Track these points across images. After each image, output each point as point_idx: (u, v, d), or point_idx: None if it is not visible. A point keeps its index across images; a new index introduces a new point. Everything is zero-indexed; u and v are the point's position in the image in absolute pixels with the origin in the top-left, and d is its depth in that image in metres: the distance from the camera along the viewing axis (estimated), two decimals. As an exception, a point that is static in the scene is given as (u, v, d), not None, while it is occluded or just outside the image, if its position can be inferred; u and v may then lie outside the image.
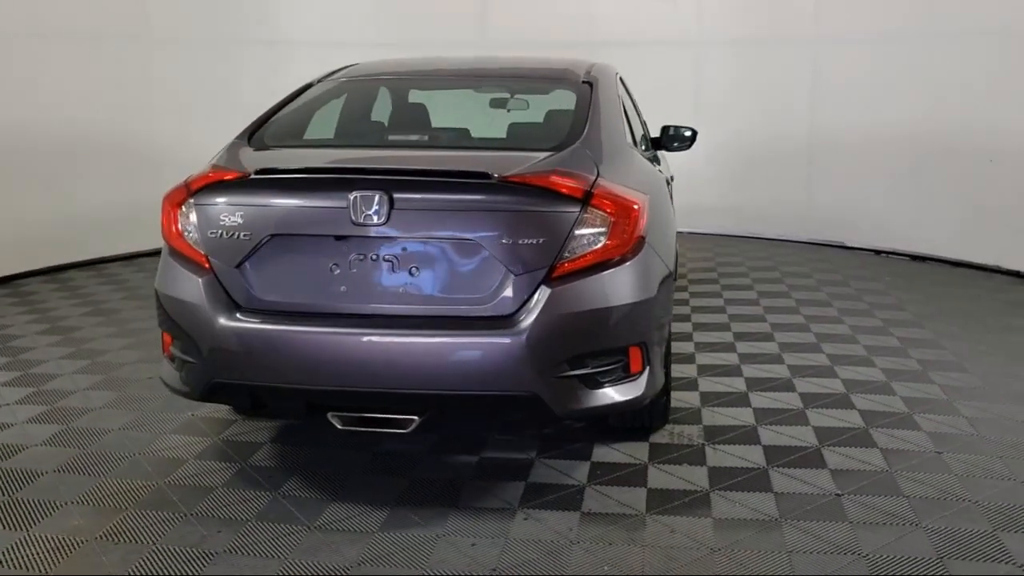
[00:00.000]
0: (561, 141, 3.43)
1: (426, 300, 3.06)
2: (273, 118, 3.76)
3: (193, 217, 3.21)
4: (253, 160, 3.30)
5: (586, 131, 3.45)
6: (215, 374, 3.13)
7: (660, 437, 3.82)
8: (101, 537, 3.03)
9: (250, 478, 3.48)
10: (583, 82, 3.98)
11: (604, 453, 3.67)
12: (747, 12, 8.44)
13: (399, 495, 3.34)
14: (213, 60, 8.13)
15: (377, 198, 2.98)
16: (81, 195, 7.45)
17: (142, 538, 3.02)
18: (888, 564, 2.81)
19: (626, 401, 3.17)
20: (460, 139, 4.04)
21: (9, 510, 3.21)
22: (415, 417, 3.10)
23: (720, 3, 8.58)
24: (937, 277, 7.00)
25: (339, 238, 3.06)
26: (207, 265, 3.17)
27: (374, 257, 3.06)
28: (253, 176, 3.15)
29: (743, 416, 4.05)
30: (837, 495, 3.28)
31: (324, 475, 3.50)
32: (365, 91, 4.25)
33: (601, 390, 3.11)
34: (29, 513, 3.19)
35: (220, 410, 4.14)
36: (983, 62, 6.93)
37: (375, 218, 2.99)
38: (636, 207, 3.11)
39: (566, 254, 3.01)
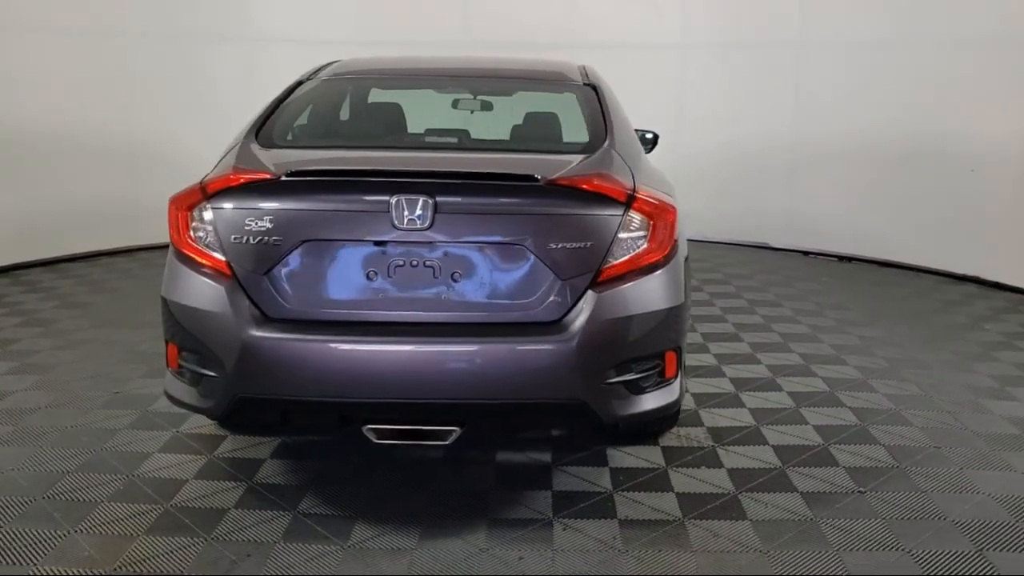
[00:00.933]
0: (586, 144, 3.39)
1: (469, 306, 2.96)
2: (274, 116, 3.56)
3: (210, 221, 3.01)
4: (275, 161, 3.11)
5: (610, 135, 3.41)
6: (241, 388, 2.94)
7: (668, 440, 3.83)
8: (121, 568, 2.80)
9: (262, 497, 3.30)
10: (585, 85, 3.95)
11: (620, 458, 3.65)
12: (731, 16, 8.43)
13: (424, 508, 3.22)
14: (190, 56, 8.07)
15: (421, 202, 2.87)
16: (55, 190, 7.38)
17: (167, 567, 2.81)
18: (933, 559, 2.88)
19: (664, 406, 3.15)
20: (484, 140, 3.91)
21: (8, 544, 2.93)
22: (456, 428, 3.00)
23: (705, 7, 8.55)
24: (871, 277, 7.29)
25: (378, 243, 2.93)
26: (229, 272, 2.98)
27: (414, 263, 2.94)
28: (285, 178, 2.97)
29: (742, 416, 4.10)
30: (860, 492, 3.36)
31: (338, 491, 3.35)
32: (365, 90, 4.09)
33: (643, 395, 3.09)
34: (31, 546, 2.91)
35: (205, 425, 3.91)
36: (965, 70, 6.95)
37: (419, 222, 2.87)
38: (674, 210, 3.10)
39: (610, 258, 2.97)
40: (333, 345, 2.90)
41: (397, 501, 3.28)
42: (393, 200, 2.87)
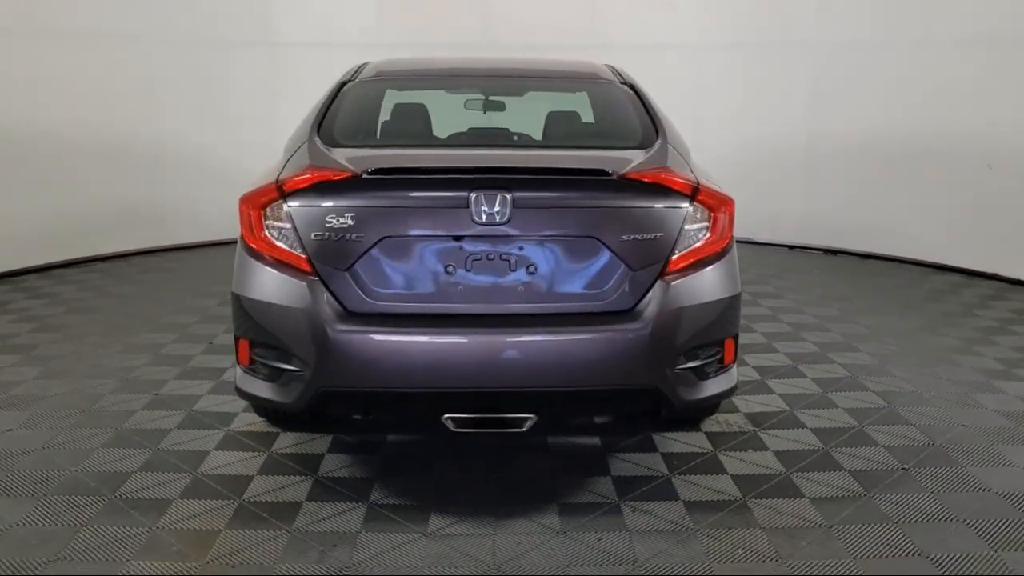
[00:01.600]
0: (641, 140, 3.50)
1: (544, 298, 3.06)
2: (329, 117, 3.62)
3: (288, 218, 3.06)
4: (350, 159, 3.17)
5: (661, 131, 3.54)
6: (325, 382, 3.00)
7: (710, 426, 3.96)
8: (214, 563, 2.84)
9: (331, 490, 3.35)
10: (622, 83, 4.07)
11: (668, 444, 3.77)
12: (748, 17, 8.48)
13: (492, 496, 3.31)
14: (211, 60, 8.22)
15: (500, 197, 2.96)
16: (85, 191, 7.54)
17: (258, 558, 2.86)
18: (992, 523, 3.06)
19: (725, 391, 3.28)
20: (550, 137, 3.97)
21: (94, 541, 2.95)
22: (532, 416, 3.09)
23: (721, 7, 8.59)
24: (857, 269, 7.54)
25: (456, 238, 3.01)
26: (309, 268, 3.04)
27: (491, 256, 3.03)
28: (366, 176, 3.03)
29: (774, 402, 4.25)
30: (904, 469, 3.53)
31: (404, 483, 3.42)
32: (408, 90, 4.16)
33: (707, 381, 3.21)
34: (118, 543, 2.94)
35: (255, 423, 3.95)
36: (979, 68, 6.98)
37: (497, 217, 2.97)
38: (732, 203, 3.23)
39: (677, 249, 3.10)
40: (415, 337, 2.98)
41: (463, 490, 3.37)
42: (473, 196, 2.96)
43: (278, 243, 3.08)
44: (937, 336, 5.44)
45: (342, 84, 3.97)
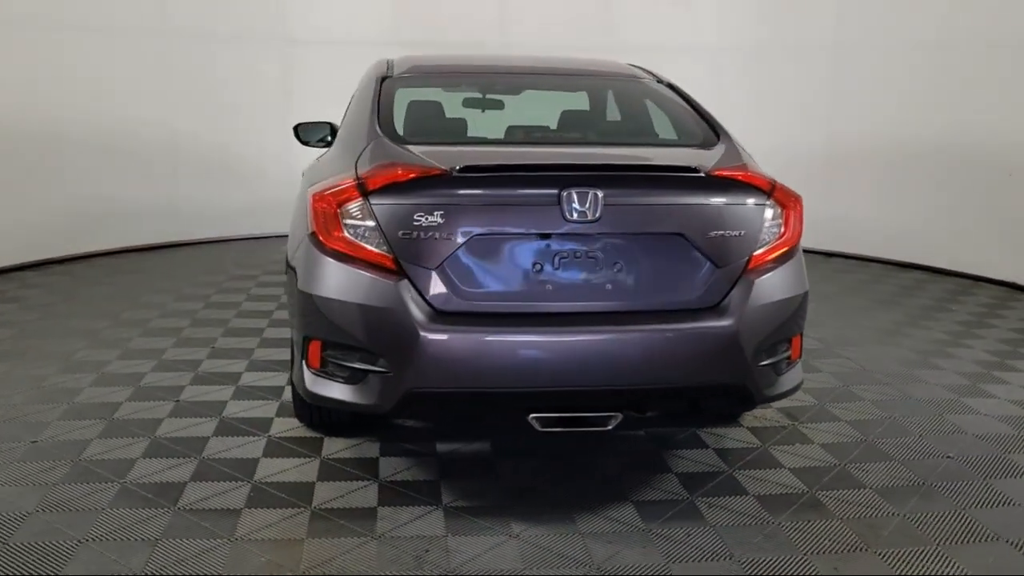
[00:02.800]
0: (703, 138, 3.53)
1: (631, 295, 3.05)
2: (382, 114, 3.53)
3: (372, 217, 2.97)
4: (432, 157, 3.10)
5: (722, 129, 3.58)
6: (413, 383, 2.92)
7: (749, 421, 4.03)
8: (310, 571, 2.74)
9: (400, 493, 3.27)
10: (659, 82, 4.11)
11: (715, 440, 3.82)
12: (766, 18, 8.47)
13: (565, 497, 3.28)
14: (229, 56, 8.33)
15: (591, 195, 2.94)
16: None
17: (355, 567, 2.77)
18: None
19: (796, 386, 3.34)
20: (605, 134, 3.96)
21: (176, 554, 2.80)
22: (617, 414, 3.09)
23: (740, 9, 8.58)
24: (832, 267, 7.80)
25: (545, 236, 2.98)
26: (395, 267, 2.96)
27: (579, 254, 3.01)
28: (457, 174, 2.97)
29: (801, 397, 4.34)
30: (949, 457, 3.66)
31: (470, 485, 3.37)
32: (452, 88, 4.11)
33: (783, 377, 3.26)
34: (201, 556, 2.80)
35: (294, 428, 3.83)
36: (1003, 71, 6.95)
37: (588, 215, 2.95)
38: (801, 200, 3.29)
39: (758, 246, 3.14)
40: (505, 337, 2.93)
41: (531, 491, 3.33)
42: (564, 193, 2.93)
43: (359, 241, 2.99)
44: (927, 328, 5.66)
45: (381, 80, 3.88)
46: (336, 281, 3.03)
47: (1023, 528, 3.09)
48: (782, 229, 3.20)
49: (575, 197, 2.93)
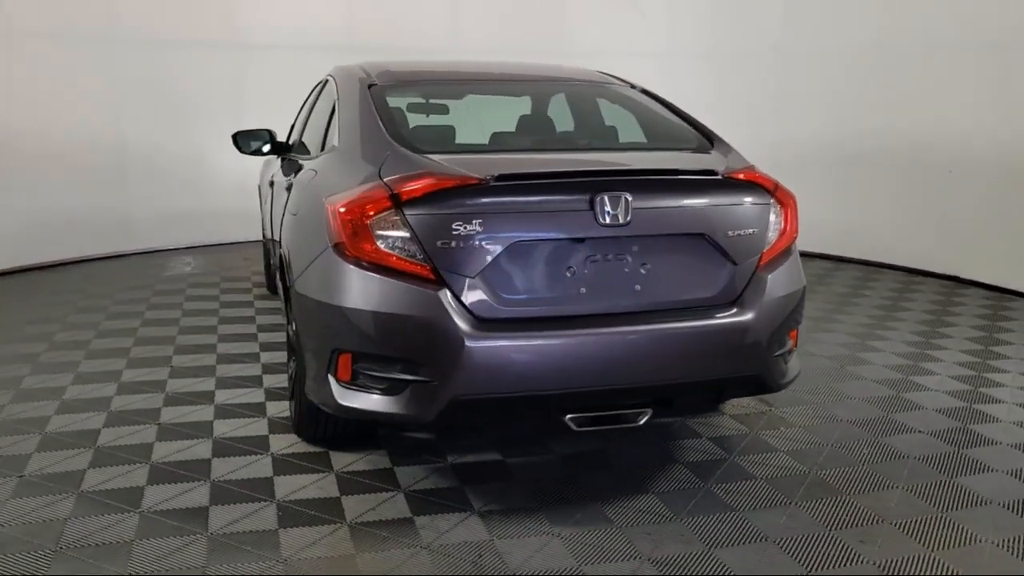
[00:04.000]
0: (700, 141, 3.68)
1: (658, 294, 3.17)
2: (388, 124, 3.51)
3: (405, 227, 2.97)
4: (462, 165, 3.11)
5: (713, 133, 3.74)
6: (458, 391, 2.94)
7: (729, 409, 4.23)
8: (375, 585, 2.73)
9: (429, 502, 3.27)
10: (632, 87, 4.25)
11: (706, 429, 3.99)
12: (714, 24, 8.65)
13: (586, 493, 3.37)
14: (179, 60, 8.21)
15: (622, 199, 3.04)
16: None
17: (418, 577, 2.78)
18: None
19: (797, 374, 3.54)
20: (611, 141, 4.02)
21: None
22: (648, 410, 3.20)
23: (691, 16, 8.73)
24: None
25: (578, 240, 3.06)
26: (434, 276, 2.97)
27: (609, 257, 3.10)
28: (494, 182, 3.00)
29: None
30: (963, 451, 3.97)
31: (493, 487, 3.41)
32: (451, 97, 4.11)
33: (788, 366, 3.45)
34: (259, 578, 2.74)
35: (294, 443, 3.76)
36: (938, 75, 7.28)
37: (619, 218, 3.04)
38: (796, 198, 3.49)
39: (766, 244, 3.32)
40: (545, 341, 2.99)
41: (555, 491, 3.40)
42: (597, 199, 3.02)
43: (394, 252, 2.98)
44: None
45: (368, 87, 3.86)
46: (370, 292, 3.01)
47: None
48: (783, 226, 3.39)
49: (607, 201, 3.02)
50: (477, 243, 2.96)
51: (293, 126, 5.75)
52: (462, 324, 2.93)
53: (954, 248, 7.32)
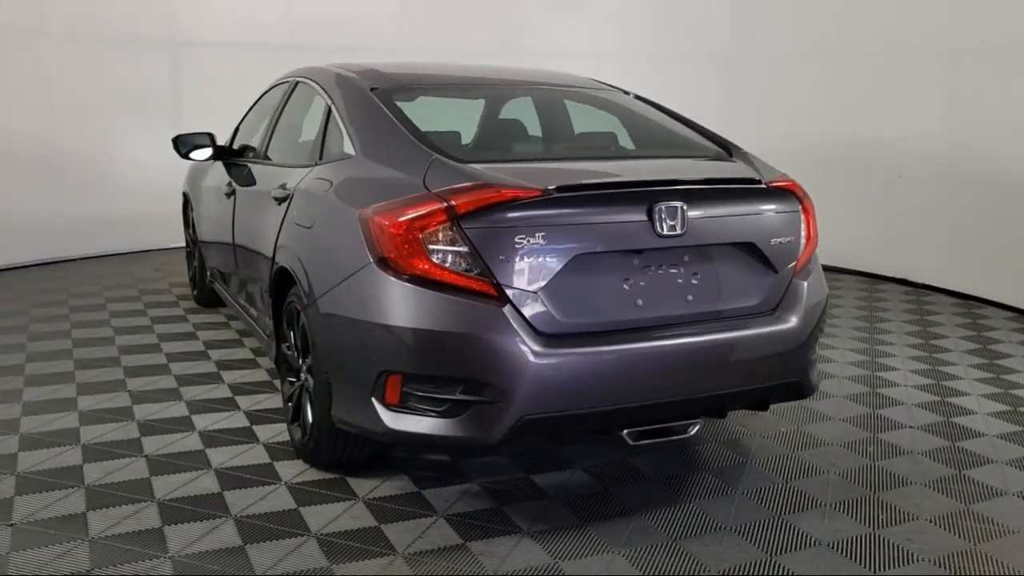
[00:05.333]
0: (717, 148, 3.68)
1: (709, 303, 3.15)
2: (414, 130, 3.36)
3: (462, 241, 2.84)
4: (518, 175, 2.99)
5: (725, 139, 3.76)
6: (525, 410, 2.83)
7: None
8: (462, 620, 2.59)
9: (475, 526, 3.14)
10: (625, 93, 4.24)
11: (711, 433, 4.03)
12: (661, 28, 8.59)
13: (632, 507, 3.33)
14: (114, 58, 7.88)
15: (679, 209, 3.01)
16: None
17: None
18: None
19: (820, 379, 3.60)
20: (640, 149, 3.93)
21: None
22: (698, 421, 3.18)
23: (638, 17, 8.65)
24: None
25: (637, 251, 3.01)
26: (495, 292, 2.84)
27: (663, 268, 3.07)
28: (556, 194, 2.89)
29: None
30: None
31: (531, 508, 3.31)
32: (466, 101, 3.96)
33: (816, 369, 3.51)
34: None
35: (304, 470, 3.54)
36: (885, 80, 7.30)
37: (677, 228, 3.01)
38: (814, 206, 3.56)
39: (800, 250, 3.36)
40: (611, 355, 2.92)
41: (595, 507, 3.33)
42: (656, 209, 2.98)
43: (451, 267, 2.84)
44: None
45: (372, 90, 3.68)
46: (426, 310, 2.86)
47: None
48: (807, 233, 3.44)
49: (665, 212, 2.99)
50: (540, 257, 2.86)
51: (238, 129, 5.43)
52: (529, 341, 2.82)
53: (910, 252, 7.43)
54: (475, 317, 2.82)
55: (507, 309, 2.84)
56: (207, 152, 5.25)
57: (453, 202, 2.84)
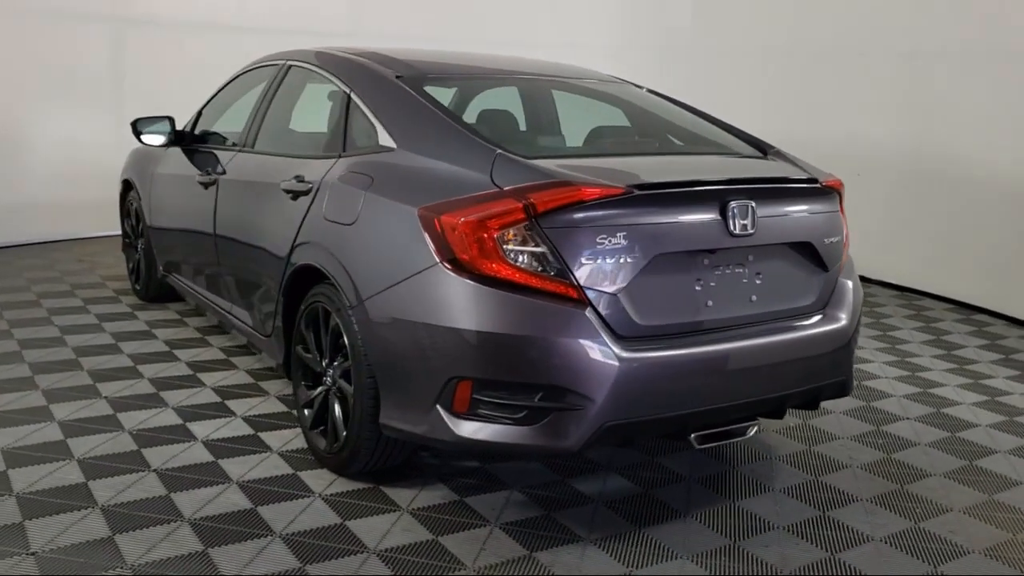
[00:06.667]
0: (756, 146, 3.65)
1: (771, 303, 3.13)
2: (465, 123, 3.21)
3: (542, 241, 2.72)
4: (593, 173, 2.87)
5: (755, 138, 3.75)
6: (610, 415, 2.73)
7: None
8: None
9: (534, 535, 3.04)
10: (637, 86, 4.18)
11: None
12: (625, 20, 8.51)
13: (683, 510, 3.30)
14: (48, 34, 7.37)
15: (751, 208, 2.98)
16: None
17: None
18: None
19: None
20: (688, 145, 3.81)
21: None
22: (757, 422, 3.17)
23: (601, 9, 8.57)
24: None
25: (710, 251, 2.96)
26: (577, 294, 2.74)
27: (730, 268, 3.03)
28: (638, 192, 2.80)
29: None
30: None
31: (582, 515, 3.23)
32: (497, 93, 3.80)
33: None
34: None
35: (330, 480, 3.34)
36: (845, 76, 7.34)
37: (748, 227, 2.98)
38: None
39: (843, 250, 3.39)
40: (692, 358, 2.87)
41: (645, 512, 3.28)
42: (729, 207, 2.93)
43: (529, 268, 2.72)
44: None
45: (398, 78, 3.49)
46: (503, 314, 2.72)
47: None
48: (846, 231, 3.47)
49: (737, 211, 2.95)
50: (621, 257, 2.77)
51: (200, 114, 5.10)
52: (612, 344, 2.73)
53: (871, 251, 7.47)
54: (557, 321, 2.71)
55: (589, 312, 2.74)
56: (165, 138, 4.93)
57: (533, 200, 2.72)
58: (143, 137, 4.94)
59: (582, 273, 2.74)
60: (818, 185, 3.29)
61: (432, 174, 3.04)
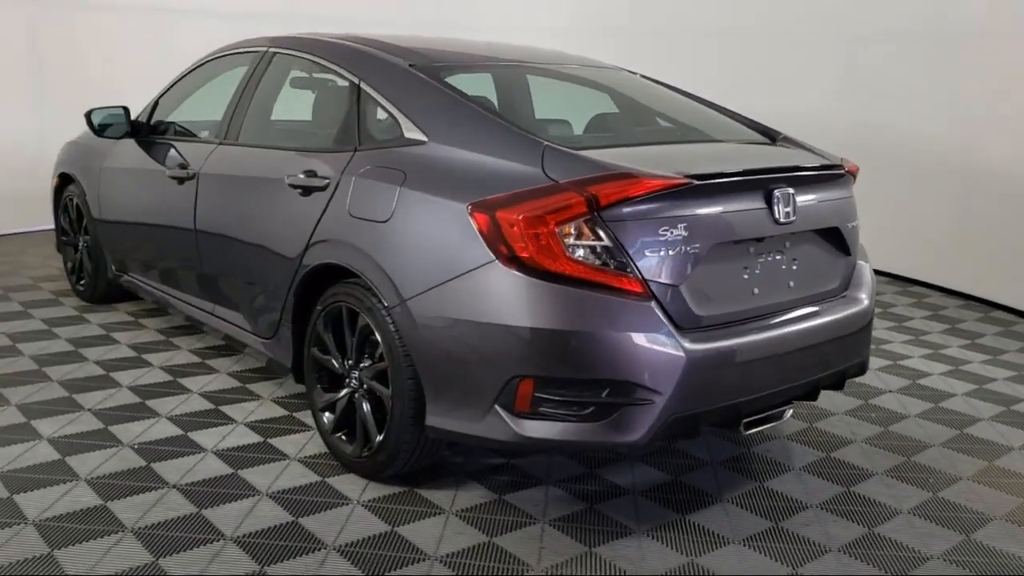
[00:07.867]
0: (763, 132, 3.69)
1: (806, 288, 3.19)
2: (503, 114, 3.15)
3: (605, 235, 2.68)
4: (645, 163, 2.84)
5: (759, 122, 3.79)
6: (677, 408, 2.73)
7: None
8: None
9: (587, 530, 3.02)
10: (631, 72, 4.18)
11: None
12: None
13: (721, 493, 3.34)
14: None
15: (792, 196, 3.02)
16: None
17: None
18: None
19: None
20: (704, 132, 3.73)
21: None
22: (791, 406, 3.22)
23: None
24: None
25: (758, 240, 2.99)
26: (642, 288, 2.71)
27: (771, 255, 3.07)
28: (697, 182, 2.78)
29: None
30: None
31: (625, 506, 3.24)
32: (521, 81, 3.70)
33: (868, 348, 3.65)
34: None
35: (363, 485, 3.24)
36: (796, 60, 7.30)
37: (791, 215, 3.02)
38: (851, 189, 3.69)
39: (860, 233, 3.49)
40: (751, 347, 2.90)
41: (694, 498, 3.30)
42: (775, 196, 2.96)
43: (592, 263, 2.68)
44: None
45: (412, 67, 3.38)
46: (568, 310, 2.68)
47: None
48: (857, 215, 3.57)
49: (782, 199, 2.98)
50: (683, 248, 2.76)
51: (157, 104, 4.81)
52: (677, 336, 2.73)
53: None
54: (623, 315, 2.68)
55: (654, 305, 2.72)
56: (124, 128, 4.67)
57: (595, 193, 2.67)
58: (107, 132, 4.65)
59: (645, 266, 2.72)
60: (843, 171, 3.36)
61: (475, 168, 2.95)
